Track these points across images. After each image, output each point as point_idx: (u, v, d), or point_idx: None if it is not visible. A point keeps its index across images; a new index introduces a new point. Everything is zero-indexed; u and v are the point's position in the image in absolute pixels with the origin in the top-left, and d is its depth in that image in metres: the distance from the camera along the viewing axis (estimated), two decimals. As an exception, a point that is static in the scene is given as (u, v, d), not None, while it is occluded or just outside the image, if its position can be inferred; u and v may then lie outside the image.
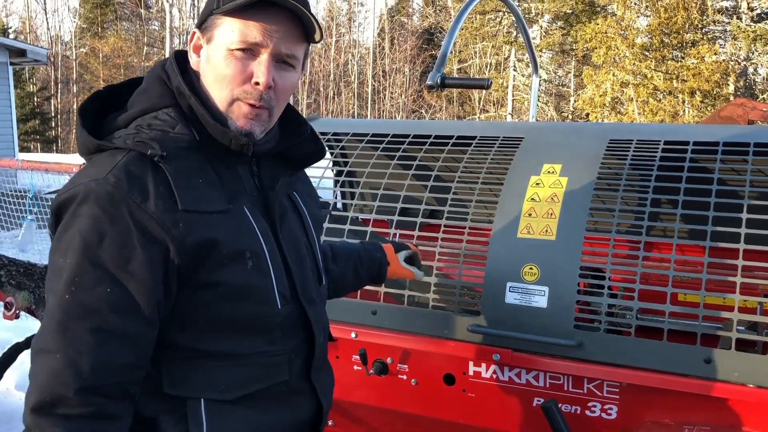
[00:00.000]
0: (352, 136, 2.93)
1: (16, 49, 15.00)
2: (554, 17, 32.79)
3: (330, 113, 38.24)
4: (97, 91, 1.54)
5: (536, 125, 2.75)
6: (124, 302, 1.32)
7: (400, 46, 40.33)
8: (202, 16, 1.48)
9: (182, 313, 1.41)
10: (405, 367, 2.37)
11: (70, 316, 1.29)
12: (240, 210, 1.46)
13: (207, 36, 1.46)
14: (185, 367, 1.42)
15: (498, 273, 2.23)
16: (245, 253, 1.43)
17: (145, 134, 1.41)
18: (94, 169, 1.38)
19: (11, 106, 15.05)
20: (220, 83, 1.44)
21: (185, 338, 1.42)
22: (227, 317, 1.43)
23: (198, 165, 1.43)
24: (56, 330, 1.29)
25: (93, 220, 1.31)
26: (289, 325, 1.53)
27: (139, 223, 1.32)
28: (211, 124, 1.43)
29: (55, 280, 1.32)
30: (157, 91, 1.47)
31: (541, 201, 2.29)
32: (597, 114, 26.69)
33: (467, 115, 36.45)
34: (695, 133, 2.45)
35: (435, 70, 2.75)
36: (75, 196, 1.34)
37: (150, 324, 1.36)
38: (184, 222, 1.36)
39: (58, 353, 1.28)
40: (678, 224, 2.16)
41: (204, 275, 1.39)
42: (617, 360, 2.06)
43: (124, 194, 1.32)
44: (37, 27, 43.15)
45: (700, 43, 24.81)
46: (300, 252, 1.59)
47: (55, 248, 1.35)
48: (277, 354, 1.51)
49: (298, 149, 1.61)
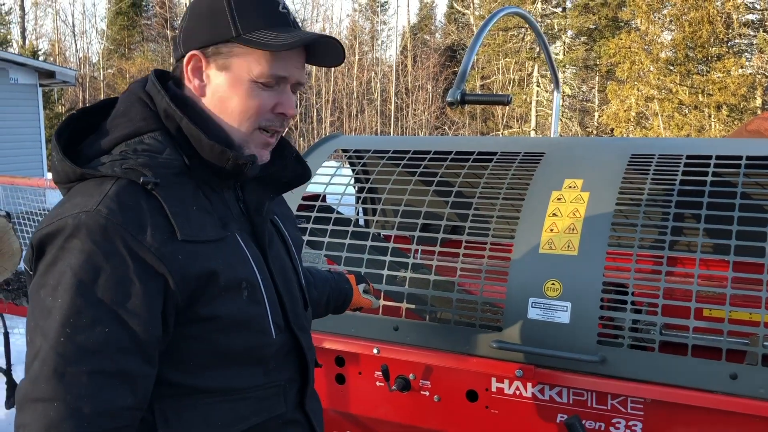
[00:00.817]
0: (374, 152, 2.95)
1: (45, 71, 15.30)
2: (577, 33, 32.77)
3: (353, 131, 38.40)
4: (71, 114, 1.44)
5: (557, 140, 2.75)
6: (124, 341, 1.23)
7: (423, 63, 40.47)
8: (206, 39, 1.40)
9: (176, 348, 1.33)
10: (428, 383, 2.37)
11: (67, 359, 1.18)
12: (233, 237, 1.40)
13: (218, 62, 1.40)
14: (179, 405, 1.35)
15: (520, 289, 2.23)
16: (241, 283, 1.37)
17: (133, 160, 1.32)
18: (80, 198, 1.28)
19: (40, 126, 15.33)
20: (245, 113, 1.40)
21: (179, 375, 1.34)
22: (222, 350, 1.37)
23: (190, 191, 1.36)
24: (51, 376, 1.18)
25: (86, 255, 1.22)
26: (282, 354, 1.49)
27: (137, 257, 1.24)
28: (207, 145, 1.36)
29: (43, 320, 1.21)
30: (140, 114, 1.39)
31: (562, 216, 2.28)
32: (622, 129, 26.54)
33: (490, 131, 36.41)
34: (718, 146, 2.44)
35: (455, 87, 2.77)
36: (61, 228, 1.25)
37: (150, 363, 1.28)
38: (183, 253, 1.29)
39: (55, 401, 1.17)
40: (701, 239, 2.15)
41: (201, 308, 1.32)
42: (641, 376, 2.04)
43: (119, 226, 1.23)
44: (66, 49, 43.92)
45: (726, 56, 24.62)
46: (288, 278, 1.54)
47: (39, 284, 1.24)
48: (272, 386, 1.47)
49: (282, 172, 1.56)
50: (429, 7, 48.42)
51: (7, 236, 2.91)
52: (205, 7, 1.42)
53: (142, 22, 44.00)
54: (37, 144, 15.30)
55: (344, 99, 40.32)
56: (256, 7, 1.40)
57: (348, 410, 2.52)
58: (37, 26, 44.32)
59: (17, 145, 14.56)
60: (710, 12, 24.17)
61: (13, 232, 2.95)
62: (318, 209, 2.66)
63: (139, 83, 1.46)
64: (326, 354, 2.45)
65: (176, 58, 1.46)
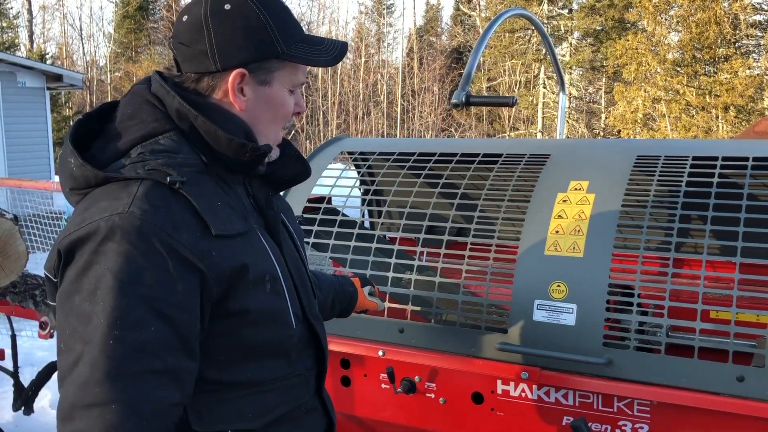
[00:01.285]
0: (379, 155, 2.95)
1: (53, 74, 15.36)
2: (584, 34, 32.73)
3: (359, 133, 38.43)
4: (79, 119, 1.44)
5: (563, 142, 2.75)
6: (170, 339, 1.25)
7: (429, 65, 40.49)
8: (253, 58, 1.41)
9: (207, 343, 1.35)
10: (433, 385, 2.36)
11: (120, 361, 1.19)
12: (254, 231, 1.44)
13: (262, 78, 1.44)
14: (211, 400, 1.38)
15: (525, 291, 2.22)
16: (265, 276, 1.40)
17: (153, 161, 1.33)
18: (107, 202, 1.28)
19: (48, 129, 15.40)
20: (281, 120, 1.51)
21: (210, 371, 1.36)
22: (250, 343, 1.40)
23: (213, 188, 1.39)
24: (104, 379, 1.18)
25: (123, 256, 1.22)
26: (303, 344, 1.53)
27: (175, 254, 1.26)
28: (225, 138, 1.38)
29: (82, 326, 1.21)
30: (151, 116, 1.40)
31: (568, 218, 2.28)
32: (629, 130, 26.49)
33: (497, 133, 36.40)
34: (724, 148, 2.43)
35: (459, 89, 2.77)
36: (93, 232, 1.24)
37: (194, 357, 1.30)
38: (216, 249, 1.31)
39: (113, 404, 1.17)
40: (707, 240, 2.14)
41: (231, 303, 1.35)
42: (648, 378, 2.03)
43: (154, 226, 1.25)
44: (74, 52, 44.13)
45: (733, 57, 24.56)
46: (301, 270, 1.58)
47: (71, 290, 1.24)
48: (295, 375, 1.51)
49: (284, 171, 1.60)
50: (435, 9, 48.47)
51: (13, 239, 2.92)
52: (239, 21, 1.41)
53: (148, 26, 44.16)
54: (45, 147, 15.37)
55: (350, 101, 40.37)
56: (285, 21, 1.46)
57: (353, 412, 2.52)
58: (44, 30, 44.55)
59: (25, 148, 14.63)
60: (717, 13, 24.11)
61: (20, 235, 2.96)
62: (323, 211, 2.66)
63: (142, 85, 1.46)
64: (331, 356, 2.44)
65: (200, 70, 1.43)
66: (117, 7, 44.73)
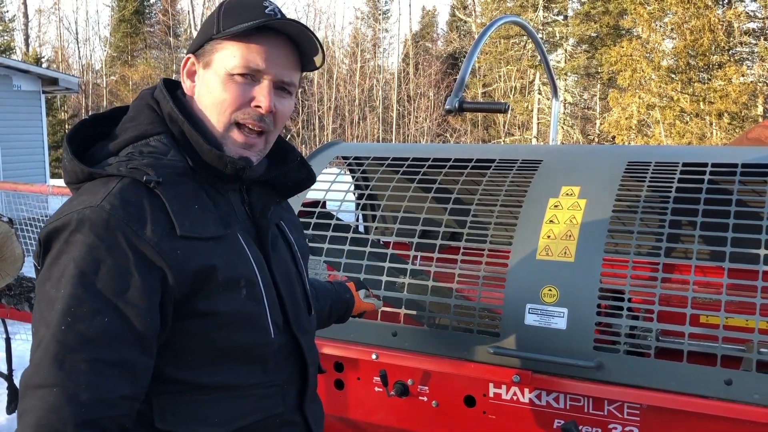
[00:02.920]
0: (373, 159, 2.97)
1: (49, 78, 15.36)
2: (579, 41, 32.82)
3: (355, 138, 38.45)
4: (83, 119, 1.51)
5: (554, 148, 2.78)
6: (122, 332, 1.27)
7: (425, 70, 40.54)
8: (199, 41, 1.48)
9: (175, 343, 1.37)
10: (425, 388, 2.38)
11: (67, 347, 1.23)
12: (234, 236, 1.44)
13: (204, 61, 1.47)
14: (178, 400, 1.38)
15: (517, 295, 2.25)
16: (240, 281, 1.41)
17: (138, 161, 1.38)
18: (86, 196, 1.34)
19: (43, 133, 15.38)
20: (219, 106, 1.44)
21: (177, 370, 1.38)
22: (221, 347, 1.40)
23: (192, 191, 1.41)
24: (52, 363, 1.22)
25: (88, 247, 1.27)
26: (282, 355, 1.52)
27: (137, 250, 1.29)
28: (206, 149, 1.42)
29: (47, 311, 1.26)
30: (148, 118, 1.46)
31: (559, 223, 2.30)
32: (623, 137, 26.55)
33: (492, 139, 36.46)
34: (713, 154, 2.46)
35: (453, 95, 2.79)
36: (67, 223, 1.30)
37: (149, 353, 1.31)
38: (182, 249, 1.33)
39: (55, 387, 1.21)
40: (697, 245, 2.16)
41: (199, 303, 1.36)
42: (637, 381, 2.05)
43: (120, 221, 1.29)
44: (69, 56, 44.06)
45: (727, 64, 24.64)
46: (291, 281, 1.58)
47: (45, 278, 1.30)
48: (271, 385, 1.49)
49: (287, 177, 1.61)
50: (431, 14, 48.59)
51: (9, 242, 2.93)
52: (205, 22, 1.50)
53: (145, 30, 44.13)
54: (40, 151, 15.35)
55: (346, 106, 40.40)
56: (242, 9, 1.46)
57: (347, 415, 2.54)
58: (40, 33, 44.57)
59: (20, 152, 14.61)
60: (711, 20, 24.20)
61: (16, 238, 2.97)
62: (318, 215, 2.68)
63: (148, 90, 1.53)
64: (325, 359, 2.47)
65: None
66: (113, 11, 44.72)
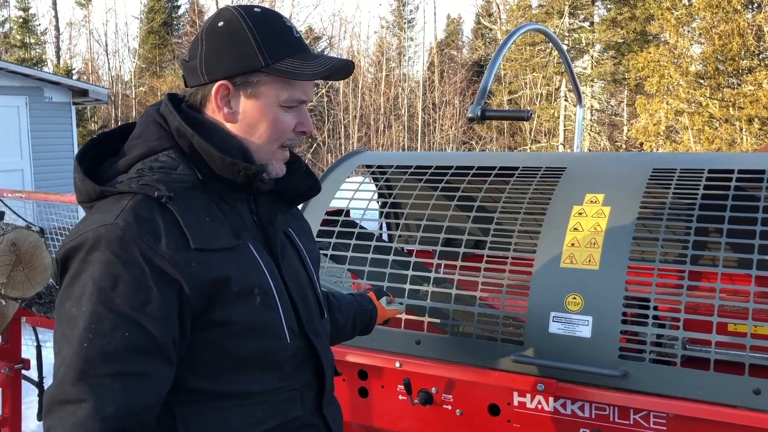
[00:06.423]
0: (397, 168, 2.98)
1: (79, 89, 15.59)
2: (605, 47, 32.63)
3: (380, 146, 38.51)
4: (92, 138, 1.55)
5: (579, 155, 2.77)
6: (143, 344, 1.31)
7: (450, 78, 40.51)
8: (235, 69, 1.47)
9: (194, 354, 1.41)
10: (450, 397, 2.38)
11: (90, 363, 1.27)
12: (245, 246, 1.48)
13: (248, 91, 1.48)
14: (198, 409, 1.42)
15: (541, 303, 2.24)
16: (254, 290, 1.44)
17: (148, 177, 1.41)
18: (100, 214, 1.38)
19: (74, 144, 15.60)
20: (274, 135, 1.51)
21: (198, 380, 1.42)
22: (238, 355, 1.44)
23: (203, 203, 1.45)
24: (77, 379, 1.27)
25: (105, 265, 1.31)
26: (298, 359, 1.54)
27: (153, 264, 1.33)
28: (218, 158, 1.45)
29: (69, 330, 1.30)
30: (155, 134, 1.49)
31: (583, 230, 2.29)
32: (651, 143, 26.30)
33: (518, 146, 36.31)
34: (740, 161, 2.43)
35: (475, 103, 2.79)
36: (83, 243, 1.34)
37: (169, 363, 1.36)
38: (196, 261, 1.37)
39: (81, 402, 1.26)
40: (723, 253, 2.14)
41: (215, 314, 1.40)
42: (664, 390, 2.03)
43: (135, 237, 1.32)
44: (99, 67, 44.66)
45: (757, 69, 24.29)
46: (302, 286, 1.60)
47: (64, 297, 1.34)
48: (289, 390, 1.53)
49: (293, 186, 1.64)
50: (456, 22, 48.57)
51: (39, 251, 2.99)
52: (226, 37, 1.48)
53: (173, 41, 44.64)
54: (70, 161, 15.46)
55: (371, 115, 40.49)
56: (277, 36, 1.49)
57: (371, 423, 2.54)
58: (71, 46, 45.20)
59: (51, 162, 14.83)
60: (740, 25, 23.90)
61: (45, 248, 3.03)
62: (341, 224, 2.69)
63: (154, 107, 1.56)
64: (349, 367, 2.48)
65: (194, 84, 1.53)
66: (142, 23, 45.35)
